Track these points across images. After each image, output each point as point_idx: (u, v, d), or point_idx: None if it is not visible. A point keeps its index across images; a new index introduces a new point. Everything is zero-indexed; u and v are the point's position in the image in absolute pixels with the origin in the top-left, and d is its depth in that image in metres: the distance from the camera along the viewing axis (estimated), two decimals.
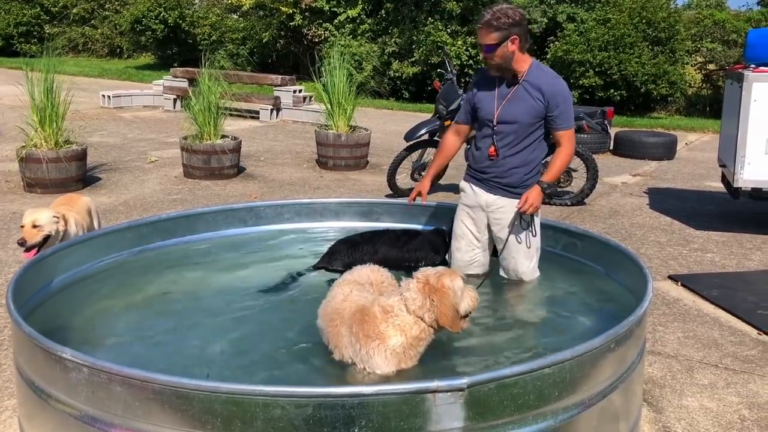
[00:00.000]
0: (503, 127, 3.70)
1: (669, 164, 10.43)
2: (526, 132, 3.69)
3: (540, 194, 3.72)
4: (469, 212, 3.94)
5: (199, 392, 2.10)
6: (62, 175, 7.39)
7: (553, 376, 2.29)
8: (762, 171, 6.13)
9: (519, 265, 3.86)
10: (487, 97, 3.76)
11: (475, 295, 2.83)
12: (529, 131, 3.69)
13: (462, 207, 3.98)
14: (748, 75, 6.04)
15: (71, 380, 2.28)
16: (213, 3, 23.94)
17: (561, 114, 3.66)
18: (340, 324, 2.83)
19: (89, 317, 3.31)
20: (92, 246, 3.74)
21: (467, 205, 3.94)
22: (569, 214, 7.12)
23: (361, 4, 17.85)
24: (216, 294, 3.69)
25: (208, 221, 4.38)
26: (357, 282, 3.08)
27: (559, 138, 3.73)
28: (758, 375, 3.82)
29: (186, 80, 13.88)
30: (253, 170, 8.96)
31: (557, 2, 17.16)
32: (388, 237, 4.21)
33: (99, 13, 26.52)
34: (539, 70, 3.71)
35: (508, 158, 3.74)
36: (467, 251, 3.95)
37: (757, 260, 5.85)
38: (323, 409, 2.07)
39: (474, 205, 3.90)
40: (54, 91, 7.42)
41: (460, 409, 2.14)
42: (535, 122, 3.68)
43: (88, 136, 9.87)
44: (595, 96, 15.62)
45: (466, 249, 3.96)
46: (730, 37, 17.89)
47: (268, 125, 13.19)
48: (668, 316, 4.61)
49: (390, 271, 3.25)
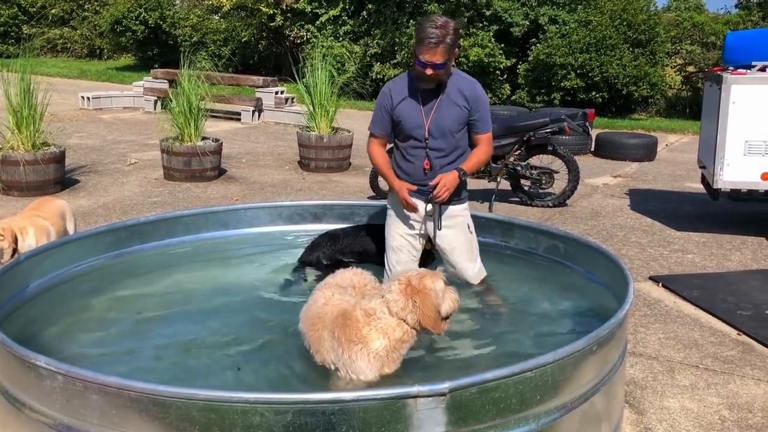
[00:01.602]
0: (435, 141, 3.63)
1: (650, 165, 10.50)
2: (456, 140, 3.66)
3: (456, 179, 3.60)
4: (409, 224, 3.77)
5: (176, 399, 2.07)
6: (40, 178, 7.28)
7: (535, 379, 2.28)
8: (741, 172, 6.19)
9: (465, 270, 3.81)
10: (412, 110, 3.62)
11: (456, 296, 2.83)
12: (458, 139, 3.67)
13: (396, 218, 3.79)
14: (726, 77, 6.09)
15: (46, 388, 2.24)
16: (194, 4, 23.78)
17: (481, 118, 3.67)
18: (322, 328, 2.81)
19: (65, 323, 3.26)
20: (69, 250, 3.68)
21: (401, 215, 3.77)
22: (551, 216, 7.14)
23: (342, 5, 17.83)
24: (195, 298, 3.65)
25: (187, 224, 4.33)
26: (339, 285, 3.05)
27: (478, 141, 3.72)
28: (738, 375, 3.84)
29: (167, 81, 13.76)
30: (235, 172, 8.89)
31: (539, 5, 17.23)
32: (369, 231, 4.21)
33: (78, 14, 26.23)
34: (458, 76, 3.66)
35: (444, 168, 3.65)
36: (408, 262, 3.79)
37: (737, 261, 5.90)
38: (303, 416, 2.05)
39: (412, 216, 3.75)
40: (31, 92, 7.32)
41: (442, 414, 2.12)
42: (461, 129, 3.67)
43: (67, 138, 9.76)
44: (577, 98, 15.71)
45: (407, 260, 3.79)
46: (708, 40, 18.08)
47: (250, 127, 13.11)
48: (649, 317, 4.63)
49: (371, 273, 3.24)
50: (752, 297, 4.98)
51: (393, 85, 3.72)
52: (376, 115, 3.76)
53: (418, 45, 3.42)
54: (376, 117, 3.77)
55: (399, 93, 3.66)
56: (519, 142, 7.36)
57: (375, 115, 3.78)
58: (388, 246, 3.83)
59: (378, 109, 3.74)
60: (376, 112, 3.77)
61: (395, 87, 3.70)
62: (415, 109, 3.62)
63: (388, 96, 3.69)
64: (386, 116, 3.70)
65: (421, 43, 3.40)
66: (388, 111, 3.69)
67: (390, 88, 3.71)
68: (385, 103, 3.69)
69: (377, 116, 3.76)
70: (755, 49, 6.52)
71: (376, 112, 3.76)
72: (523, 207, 7.47)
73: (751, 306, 4.80)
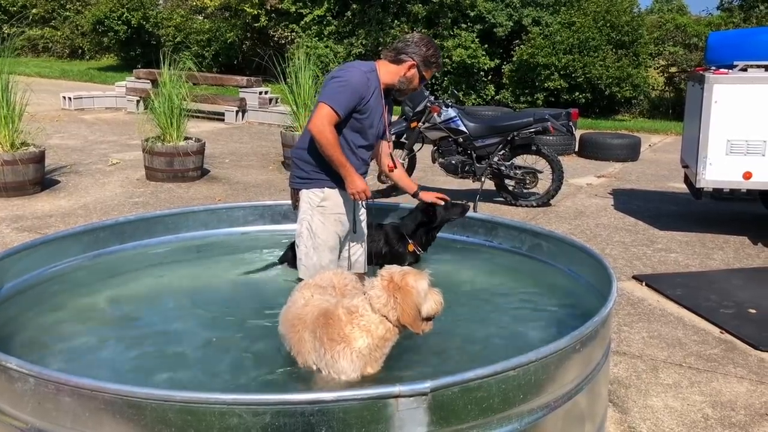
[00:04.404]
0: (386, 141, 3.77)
1: (633, 165, 10.55)
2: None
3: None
4: (346, 221, 3.64)
5: (151, 401, 2.02)
6: (19, 178, 7.18)
7: (518, 378, 2.26)
8: (723, 172, 6.21)
9: (364, 257, 3.87)
10: (378, 108, 3.55)
11: (440, 299, 2.78)
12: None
13: (339, 217, 3.59)
14: (709, 77, 6.11)
15: (17, 391, 2.18)
16: (177, 4, 23.61)
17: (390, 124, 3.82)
18: (303, 329, 2.76)
19: (40, 325, 3.19)
20: (45, 250, 3.61)
21: (343, 214, 3.60)
22: (535, 215, 7.14)
23: (326, 5, 17.78)
24: (174, 299, 3.60)
25: (168, 224, 4.27)
26: (319, 286, 3.02)
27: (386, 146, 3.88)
28: (721, 374, 3.85)
29: (149, 81, 13.64)
30: (218, 172, 8.82)
31: (522, 6, 17.27)
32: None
33: (60, 14, 25.98)
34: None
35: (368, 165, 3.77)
36: (335, 262, 3.66)
37: (719, 259, 5.92)
38: (282, 417, 2.01)
39: (348, 213, 3.63)
40: (9, 91, 7.21)
41: (424, 414, 2.09)
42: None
43: (48, 138, 9.64)
44: (560, 98, 15.76)
45: (336, 260, 3.66)
46: (691, 41, 18.22)
47: (233, 127, 13.03)
48: (633, 316, 4.63)
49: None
50: (735, 295, 5.00)
51: (369, 75, 3.48)
52: (344, 94, 3.37)
53: (430, 67, 3.58)
54: (344, 96, 3.37)
55: (372, 85, 3.49)
56: (503, 142, 7.36)
57: (343, 93, 3.37)
58: (323, 245, 3.55)
59: (350, 91, 3.38)
60: (347, 91, 3.37)
61: (371, 78, 3.49)
62: (380, 108, 3.57)
63: (366, 84, 3.43)
64: (355, 102, 3.40)
65: (434, 66, 3.59)
66: (360, 98, 3.41)
67: (368, 77, 3.46)
68: (362, 89, 3.42)
69: (347, 96, 3.37)
70: (737, 49, 6.55)
71: (348, 92, 3.37)
72: (508, 207, 7.47)
73: (733, 304, 4.81)
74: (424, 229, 4.16)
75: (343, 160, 3.42)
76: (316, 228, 3.54)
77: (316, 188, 3.54)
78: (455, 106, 7.54)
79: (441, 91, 16.39)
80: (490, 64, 16.80)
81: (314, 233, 3.55)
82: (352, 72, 3.44)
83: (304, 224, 3.58)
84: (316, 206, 3.54)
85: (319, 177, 3.53)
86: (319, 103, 3.38)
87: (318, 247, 3.55)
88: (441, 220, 4.13)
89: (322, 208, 3.54)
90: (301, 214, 3.60)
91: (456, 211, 4.15)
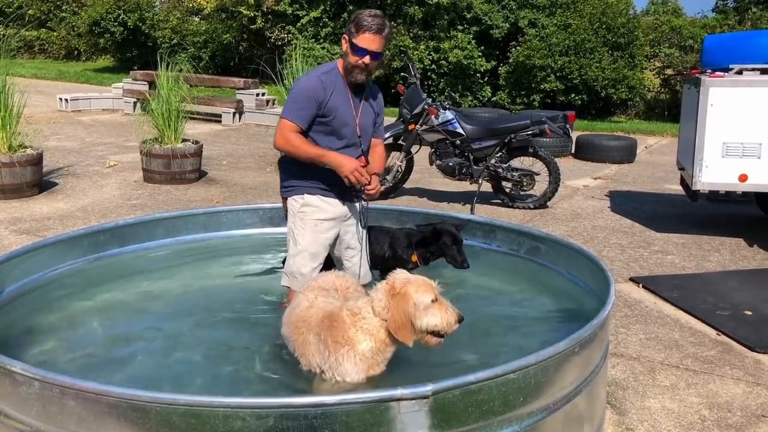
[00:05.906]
0: (364, 139, 3.55)
1: (629, 167, 10.59)
2: (368, 142, 3.63)
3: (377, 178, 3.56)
4: (329, 227, 3.56)
5: (156, 405, 2.04)
6: (17, 181, 7.17)
7: (518, 381, 2.28)
8: (719, 174, 6.25)
9: (364, 268, 3.74)
10: (344, 105, 3.43)
11: (450, 318, 2.67)
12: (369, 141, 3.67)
13: (318, 223, 3.51)
14: (704, 80, 6.15)
15: (22, 394, 2.20)
16: (174, 5, 23.61)
17: (381, 124, 3.74)
18: (307, 331, 2.78)
19: (42, 328, 3.20)
20: (46, 253, 3.62)
21: (325, 220, 3.53)
22: (532, 218, 7.16)
23: (323, 7, 17.80)
24: (175, 302, 3.61)
25: (167, 227, 4.28)
26: (322, 288, 3.04)
27: (378, 146, 3.72)
28: (717, 375, 3.87)
29: (146, 83, 13.64)
30: (216, 174, 8.83)
31: (519, 8, 17.33)
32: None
33: (56, 15, 25.94)
34: (368, 81, 3.58)
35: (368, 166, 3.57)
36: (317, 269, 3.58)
37: (715, 261, 5.95)
38: (285, 420, 2.03)
39: (332, 218, 3.55)
40: (7, 93, 7.21)
41: (425, 416, 2.11)
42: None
43: (45, 140, 9.63)
44: (557, 100, 15.81)
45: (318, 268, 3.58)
46: (686, 43, 18.30)
47: (231, 129, 13.03)
48: (630, 318, 4.66)
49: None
50: (731, 297, 5.03)
51: (324, 76, 3.39)
52: (300, 104, 3.34)
53: (358, 32, 3.32)
54: (298, 105, 3.35)
55: (331, 85, 3.39)
56: (500, 144, 7.39)
57: (298, 103, 3.35)
58: (304, 251, 3.50)
59: (304, 99, 3.34)
60: (300, 99, 3.35)
61: (327, 78, 3.39)
62: (348, 105, 3.45)
63: (320, 87, 3.35)
64: (313, 108, 3.35)
65: (362, 29, 3.31)
66: (318, 102, 3.35)
67: (322, 79, 3.37)
68: (317, 93, 3.34)
69: (303, 105, 3.34)
70: (732, 52, 6.59)
71: (301, 101, 3.34)
72: (505, 209, 7.49)
73: (729, 306, 4.84)
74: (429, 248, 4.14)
75: (319, 151, 3.37)
76: (297, 234, 3.53)
77: (296, 195, 3.54)
78: (453, 109, 7.57)
79: (438, 93, 16.43)
80: (486, 65, 16.85)
81: (296, 240, 3.53)
82: (303, 80, 3.45)
83: (289, 232, 3.60)
84: (296, 212, 3.54)
85: (299, 184, 3.53)
86: (280, 119, 3.43)
87: (298, 254, 3.52)
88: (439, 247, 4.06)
89: (302, 214, 3.52)
90: (288, 221, 3.62)
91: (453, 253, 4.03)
